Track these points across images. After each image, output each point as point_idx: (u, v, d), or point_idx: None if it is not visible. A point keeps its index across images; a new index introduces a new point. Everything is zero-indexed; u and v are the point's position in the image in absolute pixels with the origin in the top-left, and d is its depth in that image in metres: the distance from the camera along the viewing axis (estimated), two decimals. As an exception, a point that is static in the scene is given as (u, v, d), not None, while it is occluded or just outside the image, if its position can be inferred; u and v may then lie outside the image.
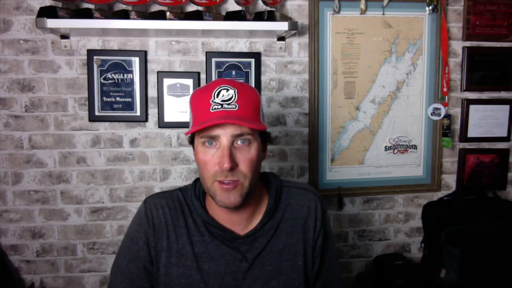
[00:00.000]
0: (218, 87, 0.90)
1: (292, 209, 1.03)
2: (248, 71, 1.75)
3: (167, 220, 0.98)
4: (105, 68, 1.68)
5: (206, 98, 0.90)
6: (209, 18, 1.59)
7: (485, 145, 1.95)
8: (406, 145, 1.89)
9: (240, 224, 0.98)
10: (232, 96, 0.90)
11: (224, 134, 0.88)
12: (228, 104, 0.89)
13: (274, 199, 1.01)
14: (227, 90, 0.90)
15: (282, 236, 1.00)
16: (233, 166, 0.88)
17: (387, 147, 1.88)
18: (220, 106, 0.88)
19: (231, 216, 0.97)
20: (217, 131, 0.88)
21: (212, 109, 0.88)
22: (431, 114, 1.87)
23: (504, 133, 1.95)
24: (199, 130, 0.89)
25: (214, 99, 0.89)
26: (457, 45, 1.88)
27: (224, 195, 0.90)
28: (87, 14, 1.53)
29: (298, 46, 1.78)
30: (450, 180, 1.95)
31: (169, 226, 0.97)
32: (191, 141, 0.97)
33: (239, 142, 0.90)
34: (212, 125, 0.87)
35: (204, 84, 1.72)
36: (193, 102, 0.94)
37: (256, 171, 0.94)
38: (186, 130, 1.73)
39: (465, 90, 1.90)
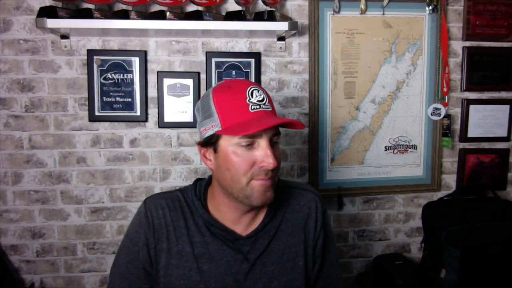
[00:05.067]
0: (250, 87, 0.89)
1: (293, 209, 1.03)
2: (248, 71, 1.75)
3: (167, 221, 0.97)
4: (105, 68, 1.68)
5: (240, 97, 0.88)
6: (209, 18, 1.59)
7: (485, 145, 1.95)
8: (406, 145, 1.89)
9: (242, 225, 0.98)
10: (264, 97, 0.90)
11: (266, 134, 0.88)
12: (264, 104, 0.90)
13: (275, 199, 1.01)
14: (258, 90, 0.90)
15: (283, 236, 1.00)
16: (277, 165, 0.89)
17: (387, 147, 1.88)
18: (258, 106, 0.88)
19: (240, 216, 0.97)
20: (259, 132, 0.86)
21: (251, 109, 0.88)
22: (431, 114, 1.87)
23: (504, 133, 1.95)
24: (234, 131, 0.87)
25: (250, 99, 0.88)
26: (457, 45, 1.88)
27: (262, 193, 0.90)
28: (87, 14, 1.53)
29: (298, 46, 1.78)
30: (450, 180, 1.95)
31: (169, 227, 0.97)
32: (208, 143, 0.92)
33: (274, 141, 0.91)
34: (275, 124, 0.86)
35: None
36: (222, 101, 0.89)
37: None
38: (186, 130, 1.74)
39: (465, 90, 1.90)
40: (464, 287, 1.62)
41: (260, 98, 0.89)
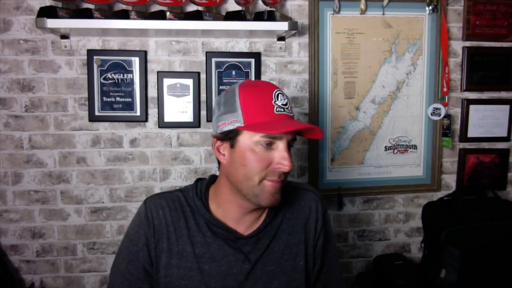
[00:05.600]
0: (276, 90, 0.92)
1: (294, 209, 1.03)
2: (248, 71, 1.75)
3: (167, 221, 0.97)
4: (105, 68, 1.68)
5: (267, 98, 0.90)
6: (209, 18, 1.59)
7: (485, 145, 1.95)
8: (406, 145, 1.89)
9: (244, 224, 0.98)
10: (287, 102, 0.93)
11: (286, 137, 0.90)
12: (287, 108, 0.92)
13: None
14: (282, 94, 0.93)
15: (283, 236, 1.00)
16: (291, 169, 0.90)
17: (387, 147, 1.88)
18: (282, 109, 0.90)
19: (243, 215, 0.97)
20: (281, 134, 0.88)
21: (276, 111, 0.89)
22: (431, 114, 1.87)
23: (504, 133, 1.95)
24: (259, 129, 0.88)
25: (276, 101, 0.90)
26: (457, 45, 1.88)
27: (271, 194, 0.91)
28: (87, 14, 1.53)
29: (298, 46, 1.78)
30: (450, 180, 1.95)
31: (169, 227, 0.97)
32: (226, 137, 0.92)
33: (290, 145, 0.92)
34: (299, 128, 0.88)
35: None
36: (248, 99, 0.90)
37: None
38: (186, 130, 1.74)
39: (465, 90, 1.90)
40: (464, 287, 1.62)
41: (284, 102, 0.92)
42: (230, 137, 0.92)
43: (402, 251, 1.96)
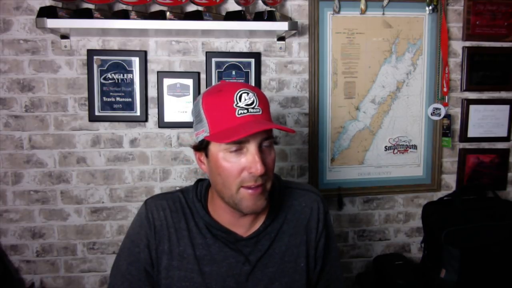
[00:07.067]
0: (239, 91, 0.87)
1: (295, 210, 1.03)
2: (248, 71, 1.75)
3: (168, 222, 0.97)
4: (105, 68, 1.68)
5: (228, 102, 0.86)
6: (209, 18, 1.59)
7: (485, 145, 1.95)
8: (406, 145, 1.89)
9: (243, 226, 0.97)
10: (253, 100, 0.87)
11: (254, 139, 0.86)
12: (253, 108, 0.87)
13: (277, 201, 1.01)
14: (248, 93, 0.87)
15: (284, 237, 1.00)
16: (266, 171, 0.86)
17: (387, 147, 1.88)
18: (246, 111, 0.86)
19: (238, 219, 0.96)
20: (246, 137, 0.84)
21: (238, 114, 0.85)
22: (431, 114, 1.87)
23: (504, 133, 1.95)
24: (221, 137, 0.85)
25: (238, 103, 0.86)
26: (457, 45, 1.88)
27: (252, 201, 0.89)
28: (87, 14, 1.53)
29: (298, 46, 1.78)
30: (450, 180, 1.95)
31: (170, 228, 0.97)
32: (200, 147, 0.92)
33: (264, 145, 0.88)
34: (255, 132, 0.82)
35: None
36: (210, 106, 0.88)
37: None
38: (186, 130, 1.74)
39: (465, 90, 1.90)
40: (464, 287, 1.62)
41: (249, 102, 0.87)
42: (203, 147, 0.91)
43: (402, 251, 1.96)
